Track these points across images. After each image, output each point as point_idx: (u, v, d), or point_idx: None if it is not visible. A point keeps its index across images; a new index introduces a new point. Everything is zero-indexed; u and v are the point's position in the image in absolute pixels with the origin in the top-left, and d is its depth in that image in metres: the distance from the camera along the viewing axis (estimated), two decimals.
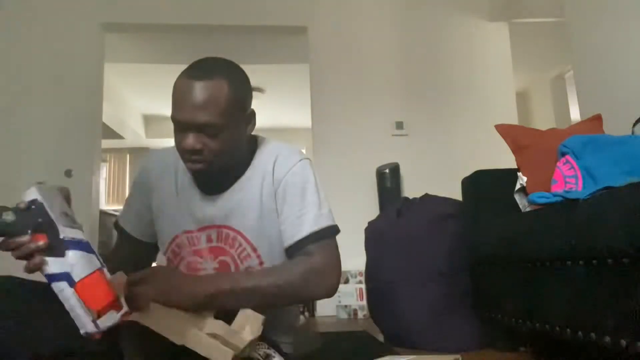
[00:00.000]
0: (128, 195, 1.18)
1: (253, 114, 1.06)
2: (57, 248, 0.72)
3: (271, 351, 0.93)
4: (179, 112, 0.96)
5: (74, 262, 0.71)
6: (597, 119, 1.84)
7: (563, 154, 1.55)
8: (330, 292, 1.01)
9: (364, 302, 2.99)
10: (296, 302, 1.10)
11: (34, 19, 3.40)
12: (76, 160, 3.28)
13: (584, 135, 1.57)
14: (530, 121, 5.61)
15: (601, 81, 2.30)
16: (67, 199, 0.86)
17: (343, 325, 2.84)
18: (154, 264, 1.14)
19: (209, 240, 1.06)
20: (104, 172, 6.71)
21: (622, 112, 1.91)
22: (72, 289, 0.70)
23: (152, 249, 1.16)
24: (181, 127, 0.97)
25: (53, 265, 0.71)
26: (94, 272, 0.72)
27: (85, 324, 0.70)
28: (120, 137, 5.96)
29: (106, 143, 4.96)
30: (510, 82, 3.83)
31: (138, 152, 6.96)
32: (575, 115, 4.54)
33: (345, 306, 3.17)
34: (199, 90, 0.94)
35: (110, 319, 0.71)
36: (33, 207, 0.74)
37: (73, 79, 3.36)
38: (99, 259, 0.75)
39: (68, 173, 3.24)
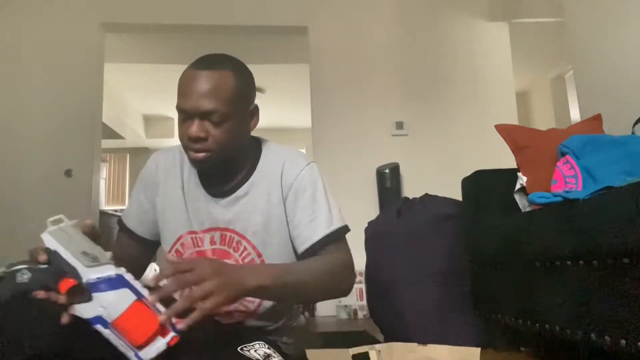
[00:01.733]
0: (132, 193, 1.17)
1: (257, 109, 1.07)
2: (81, 295, 0.69)
3: (271, 351, 0.93)
4: (184, 100, 0.96)
5: (104, 305, 0.69)
6: (597, 119, 1.84)
7: (563, 154, 1.55)
8: (350, 289, 1.04)
9: (364, 302, 2.99)
10: (326, 298, 1.10)
11: (34, 19, 3.40)
12: (76, 160, 3.28)
13: (584, 135, 1.57)
14: (530, 121, 5.61)
15: (601, 81, 2.30)
16: (91, 230, 0.83)
17: (343, 325, 2.84)
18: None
19: (212, 242, 1.06)
20: (104, 172, 6.71)
21: (622, 112, 1.91)
22: (108, 330, 0.68)
23: (152, 247, 1.16)
24: (186, 115, 0.97)
25: (83, 311, 0.69)
26: (130, 306, 0.69)
27: (131, 358, 0.69)
28: (120, 137, 5.97)
29: (106, 143, 4.96)
30: (510, 82, 3.83)
31: (138, 152, 6.96)
32: (575, 115, 4.54)
33: (345, 306, 3.17)
34: (205, 79, 0.95)
35: (155, 349, 0.69)
36: (47, 265, 0.71)
37: (73, 79, 3.37)
38: (134, 289, 0.72)
39: (68, 173, 3.25)
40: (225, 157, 1.01)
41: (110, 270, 0.72)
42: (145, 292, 0.73)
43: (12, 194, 3.18)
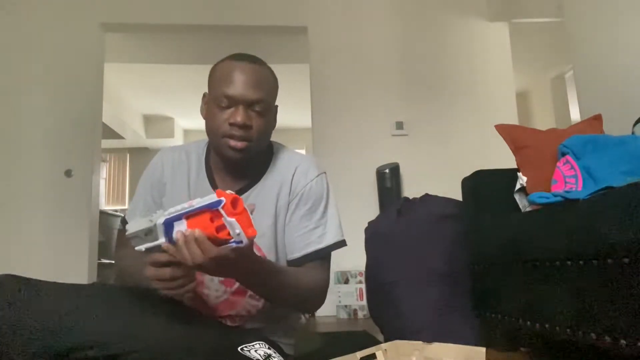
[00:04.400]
0: (137, 193, 1.15)
1: (277, 109, 1.11)
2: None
3: (271, 351, 0.93)
4: (232, 87, 0.99)
5: None
6: (597, 119, 1.84)
7: (563, 154, 1.55)
8: (317, 309, 1.10)
9: (364, 302, 2.99)
10: (292, 309, 1.13)
11: (34, 19, 3.40)
12: (76, 160, 3.28)
13: (584, 135, 1.57)
14: (530, 121, 5.61)
15: (601, 81, 2.30)
16: None
17: (343, 325, 2.84)
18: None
19: None
20: (104, 172, 6.71)
21: (622, 112, 1.91)
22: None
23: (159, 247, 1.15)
24: (232, 103, 0.99)
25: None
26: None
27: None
28: (120, 137, 5.97)
29: (106, 143, 4.97)
30: (510, 82, 3.83)
31: (138, 152, 6.96)
32: (575, 115, 4.54)
33: (345, 306, 3.17)
34: (251, 70, 1.00)
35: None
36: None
37: (73, 79, 3.37)
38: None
39: (68, 173, 3.25)
40: (258, 149, 1.04)
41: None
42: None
43: (12, 194, 3.18)
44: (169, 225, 0.76)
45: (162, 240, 0.77)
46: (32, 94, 3.31)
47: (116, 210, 5.57)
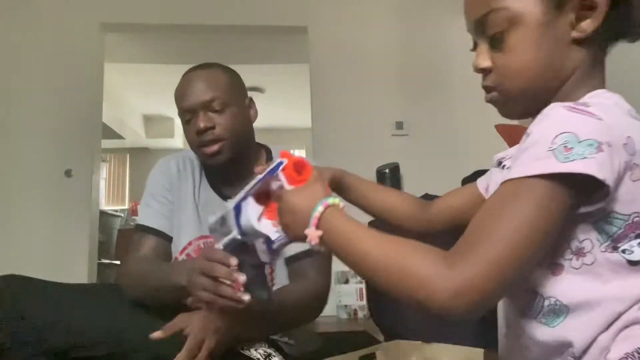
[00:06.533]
0: (147, 199, 1.13)
1: (253, 102, 1.12)
2: None
3: (271, 350, 0.93)
4: (184, 100, 1.02)
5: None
6: None
7: None
8: (316, 317, 1.16)
9: (364, 302, 2.99)
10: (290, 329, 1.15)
11: (34, 19, 3.40)
12: (76, 160, 3.28)
13: None
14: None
15: None
16: None
17: (343, 325, 2.84)
18: None
19: None
20: (104, 172, 6.71)
21: None
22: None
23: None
24: (189, 113, 1.01)
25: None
26: None
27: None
28: (120, 137, 5.96)
29: (106, 143, 4.96)
30: None
31: (138, 152, 6.95)
32: None
33: (345, 306, 3.17)
34: (197, 77, 1.03)
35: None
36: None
37: (73, 79, 3.36)
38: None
39: (68, 173, 3.25)
40: (236, 146, 1.03)
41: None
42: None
43: (12, 194, 3.18)
44: (237, 208, 0.65)
45: (234, 233, 0.66)
46: (32, 94, 3.31)
47: (116, 210, 5.57)
